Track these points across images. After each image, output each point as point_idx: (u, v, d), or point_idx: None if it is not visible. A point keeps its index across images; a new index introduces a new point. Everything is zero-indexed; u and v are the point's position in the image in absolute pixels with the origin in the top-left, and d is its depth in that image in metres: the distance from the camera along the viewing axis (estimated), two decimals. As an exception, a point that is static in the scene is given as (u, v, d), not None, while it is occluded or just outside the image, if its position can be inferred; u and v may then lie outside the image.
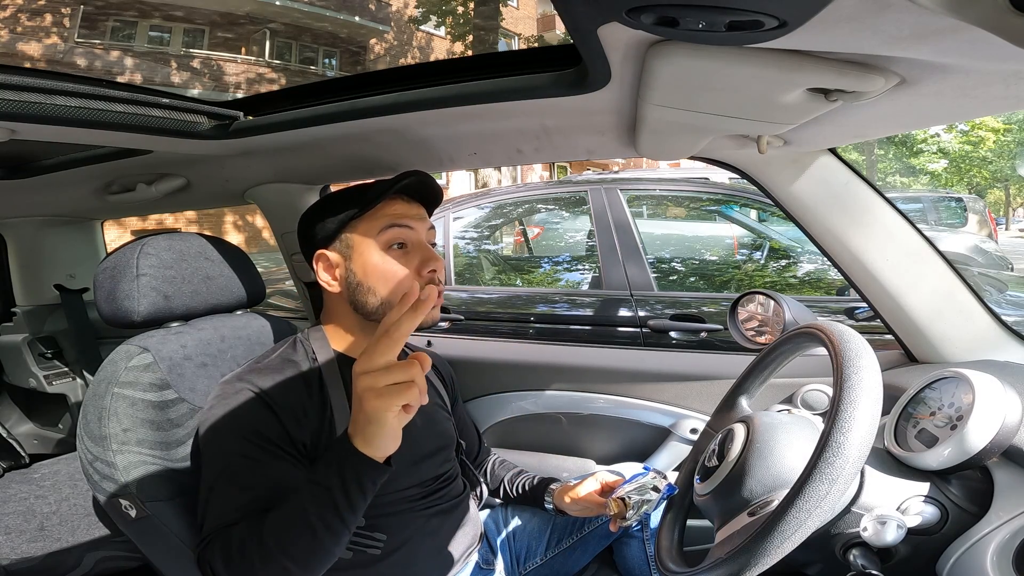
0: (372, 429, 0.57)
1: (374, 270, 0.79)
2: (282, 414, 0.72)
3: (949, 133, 16.24)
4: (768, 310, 1.01)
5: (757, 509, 0.64)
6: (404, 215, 0.81)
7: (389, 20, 13.03)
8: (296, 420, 0.73)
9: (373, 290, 0.79)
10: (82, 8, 9.41)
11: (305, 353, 0.81)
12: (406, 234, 0.81)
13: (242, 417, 0.71)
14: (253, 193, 1.23)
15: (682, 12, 0.41)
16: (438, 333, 2.10)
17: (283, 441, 0.71)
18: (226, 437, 0.70)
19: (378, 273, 0.79)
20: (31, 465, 1.86)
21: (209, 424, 0.71)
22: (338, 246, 0.82)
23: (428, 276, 0.80)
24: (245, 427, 0.70)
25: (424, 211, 0.86)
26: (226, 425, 0.71)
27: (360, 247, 0.80)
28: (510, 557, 1.02)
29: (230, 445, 0.69)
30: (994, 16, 0.31)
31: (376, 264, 0.79)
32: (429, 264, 0.80)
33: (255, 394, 0.72)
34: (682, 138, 0.80)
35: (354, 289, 0.80)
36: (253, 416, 0.71)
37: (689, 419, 1.20)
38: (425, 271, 0.80)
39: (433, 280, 0.80)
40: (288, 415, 0.72)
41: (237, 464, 0.69)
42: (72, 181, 1.27)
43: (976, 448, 0.62)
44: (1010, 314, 2.14)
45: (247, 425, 0.70)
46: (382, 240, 0.79)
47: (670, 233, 3.14)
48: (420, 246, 0.82)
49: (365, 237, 0.80)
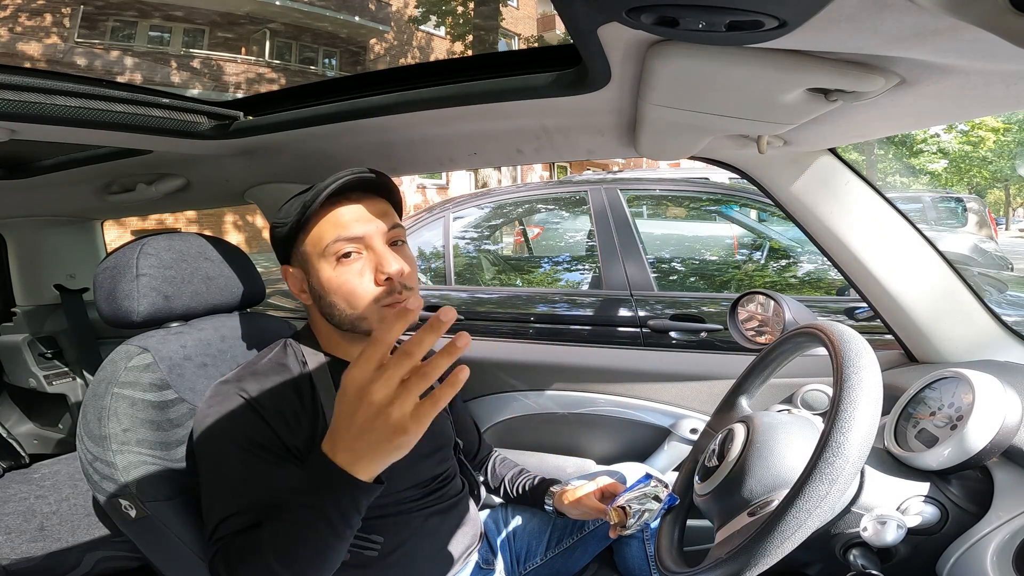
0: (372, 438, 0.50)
1: (329, 285, 0.75)
2: (273, 421, 0.71)
3: (949, 133, 16.25)
4: (768, 310, 1.01)
5: (757, 509, 0.64)
6: (348, 220, 0.75)
7: (389, 20, 13.03)
8: (288, 426, 0.72)
9: (336, 305, 0.76)
10: (82, 8, 9.41)
11: (295, 357, 0.80)
12: (350, 245, 0.74)
13: (234, 423, 0.70)
14: (253, 193, 1.23)
15: (682, 12, 0.41)
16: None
17: (275, 446, 0.71)
18: (220, 443, 0.70)
19: (334, 288, 0.75)
20: (31, 465, 1.86)
21: (202, 429, 0.71)
22: (296, 260, 0.80)
23: (386, 285, 0.75)
24: (238, 434, 0.70)
25: (381, 205, 0.78)
26: (219, 431, 0.70)
27: (312, 263, 0.77)
28: (510, 557, 1.02)
29: (224, 451, 0.69)
30: (994, 16, 0.31)
31: (330, 279, 0.75)
32: (383, 271, 0.74)
33: (245, 400, 0.72)
34: (682, 138, 0.80)
35: (319, 302, 0.78)
36: (244, 422, 0.71)
37: (689, 419, 1.20)
38: (381, 279, 0.75)
39: (392, 288, 0.75)
40: (279, 421, 0.72)
41: (233, 471, 0.68)
42: (72, 181, 1.27)
43: (976, 448, 0.62)
44: (1010, 314, 2.13)
45: (239, 432, 0.70)
46: (329, 253, 0.75)
47: (670, 233, 3.14)
48: (371, 252, 0.76)
49: (313, 250, 0.76)
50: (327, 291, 0.76)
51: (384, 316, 0.75)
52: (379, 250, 0.76)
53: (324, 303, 0.77)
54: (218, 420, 0.71)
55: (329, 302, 0.77)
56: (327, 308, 0.78)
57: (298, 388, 0.76)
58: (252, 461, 0.69)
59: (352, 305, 0.75)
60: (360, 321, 0.76)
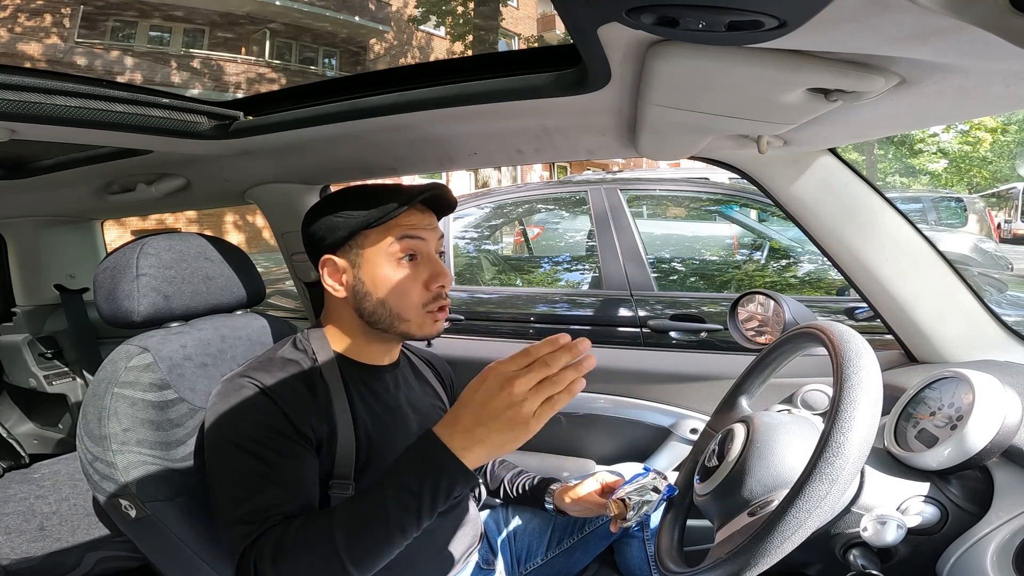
0: (497, 426, 0.56)
1: (384, 281, 0.78)
2: (287, 408, 0.71)
3: (948, 133, 16.25)
4: (768, 310, 1.01)
5: (757, 509, 0.64)
6: (417, 226, 0.79)
7: (389, 20, 13.03)
8: (301, 415, 0.72)
9: (382, 301, 0.78)
10: (82, 8, 9.41)
11: (305, 353, 0.80)
12: (418, 246, 0.79)
13: (249, 412, 0.70)
14: (253, 193, 1.23)
15: (682, 12, 0.41)
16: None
17: (292, 433, 0.70)
18: (239, 433, 0.69)
19: (388, 285, 0.78)
20: (31, 465, 1.86)
21: (215, 420, 0.70)
22: (346, 253, 0.80)
23: (436, 291, 0.79)
24: (255, 421, 0.69)
25: (435, 220, 0.84)
26: (235, 421, 0.69)
27: (370, 256, 0.78)
28: (510, 557, 1.02)
29: (244, 441, 0.68)
30: (994, 16, 0.31)
31: (386, 276, 0.78)
32: (438, 279, 0.79)
33: (259, 389, 0.71)
34: (682, 138, 0.80)
35: (361, 297, 0.79)
36: (260, 410, 0.70)
37: (689, 419, 1.20)
38: (434, 286, 0.79)
39: (440, 295, 0.80)
40: (292, 409, 0.71)
41: (254, 459, 0.67)
42: (72, 181, 1.27)
43: (976, 448, 0.62)
44: (1010, 314, 2.14)
45: (256, 419, 0.69)
46: (394, 251, 0.78)
47: (670, 233, 3.14)
48: (430, 258, 0.81)
49: (376, 246, 0.78)
50: (379, 287, 0.78)
51: (424, 321, 0.80)
52: (434, 259, 0.81)
53: (368, 299, 0.78)
54: (231, 410, 0.70)
55: (377, 299, 0.78)
56: (369, 303, 0.79)
57: (311, 383, 0.76)
58: (275, 446, 0.68)
59: (400, 304, 0.78)
60: (400, 322, 0.79)
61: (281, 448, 0.69)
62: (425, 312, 0.79)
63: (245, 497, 0.66)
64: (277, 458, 0.68)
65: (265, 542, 0.62)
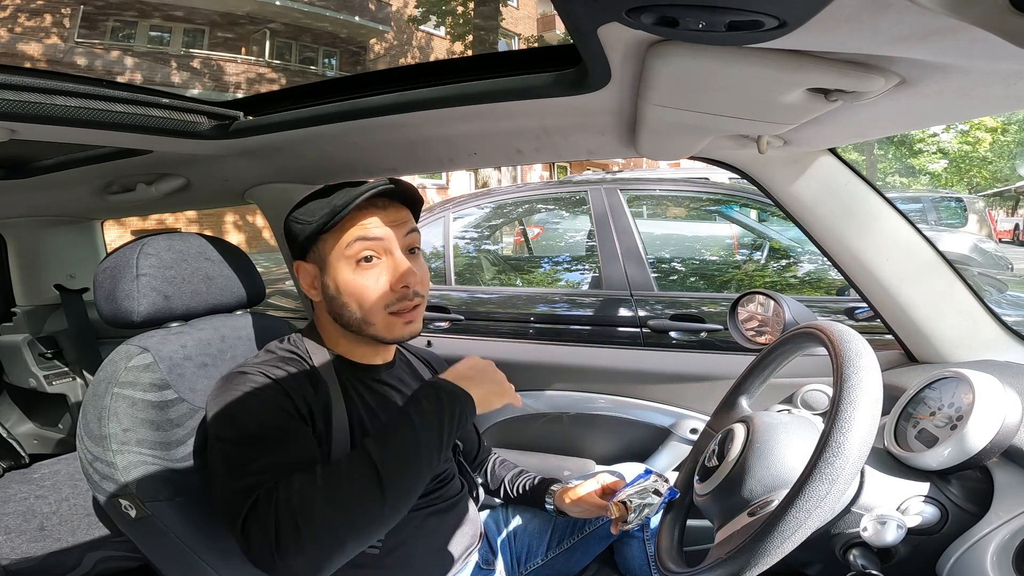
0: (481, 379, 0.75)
1: (345, 287, 0.76)
2: (289, 389, 0.72)
3: (948, 133, 16.25)
4: (768, 310, 1.01)
5: (757, 509, 0.64)
6: (373, 226, 0.76)
7: (389, 20, 13.03)
8: (302, 399, 0.73)
9: (347, 306, 0.77)
10: (82, 8, 9.41)
11: (300, 351, 0.81)
12: (374, 246, 0.76)
13: (252, 397, 0.70)
14: (253, 193, 1.23)
15: (682, 12, 0.41)
16: (438, 333, 2.10)
17: (294, 412, 0.71)
18: (245, 413, 0.68)
19: (349, 290, 0.76)
20: (31, 465, 1.86)
21: (217, 411, 0.70)
22: (313, 257, 0.80)
23: (400, 291, 0.77)
24: (259, 402, 0.69)
25: (403, 213, 0.80)
26: (241, 404, 0.69)
27: (331, 261, 0.77)
28: (510, 557, 1.02)
29: (249, 419, 0.68)
30: (994, 16, 0.31)
31: (347, 281, 0.76)
32: (402, 279, 0.76)
33: (262, 374, 0.72)
34: (682, 138, 0.80)
35: (331, 302, 0.79)
36: (265, 392, 0.70)
37: (689, 419, 1.20)
38: (398, 286, 0.76)
39: (406, 295, 0.77)
40: (294, 392, 0.72)
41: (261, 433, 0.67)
42: (72, 181, 1.27)
43: (976, 448, 0.62)
44: (1010, 314, 2.14)
45: (263, 399, 0.70)
46: (350, 253, 0.75)
47: (670, 233, 3.14)
48: (390, 258, 0.77)
49: (335, 250, 0.76)
50: (341, 292, 0.77)
51: (390, 323, 0.78)
52: (397, 257, 0.77)
53: (336, 303, 0.78)
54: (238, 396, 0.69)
55: (341, 303, 0.77)
56: (337, 308, 0.78)
57: (311, 377, 0.77)
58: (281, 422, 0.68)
59: (363, 308, 0.77)
60: (367, 325, 0.78)
61: (287, 424, 0.69)
62: (389, 314, 0.77)
63: (254, 456, 0.65)
64: (282, 434, 0.68)
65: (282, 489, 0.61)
